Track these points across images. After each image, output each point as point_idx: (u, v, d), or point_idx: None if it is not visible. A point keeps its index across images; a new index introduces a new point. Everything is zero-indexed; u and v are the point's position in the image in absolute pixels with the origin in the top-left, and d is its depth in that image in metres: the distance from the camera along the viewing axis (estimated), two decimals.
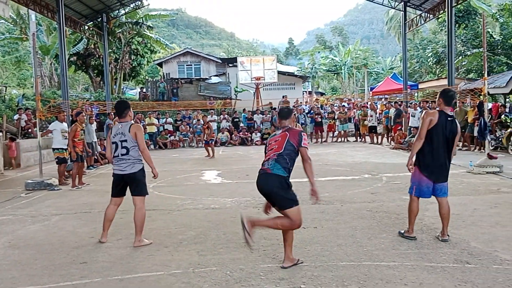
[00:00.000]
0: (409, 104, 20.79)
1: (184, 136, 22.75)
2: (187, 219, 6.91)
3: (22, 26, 29.91)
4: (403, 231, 5.60)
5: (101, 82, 31.08)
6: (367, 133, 20.90)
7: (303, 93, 38.09)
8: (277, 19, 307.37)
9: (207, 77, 32.23)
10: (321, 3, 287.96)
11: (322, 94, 47.29)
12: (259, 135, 22.44)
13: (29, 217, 7.41)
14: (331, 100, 33.71)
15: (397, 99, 24.34)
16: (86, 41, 29.67)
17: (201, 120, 20.84)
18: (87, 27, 25.39)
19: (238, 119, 23.99)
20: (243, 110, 25.21)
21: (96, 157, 14.80)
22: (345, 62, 49.84)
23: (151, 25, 33.42)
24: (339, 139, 22.37)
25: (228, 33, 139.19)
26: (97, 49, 29.20)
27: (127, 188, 5.70)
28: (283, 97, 25.94)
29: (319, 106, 25.03)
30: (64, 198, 9.27)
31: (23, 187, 10.45)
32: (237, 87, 29.93)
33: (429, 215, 6.43)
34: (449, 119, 5.29)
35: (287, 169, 4.43)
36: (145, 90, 30.64)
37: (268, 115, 23.05)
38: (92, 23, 26.31)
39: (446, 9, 20.72)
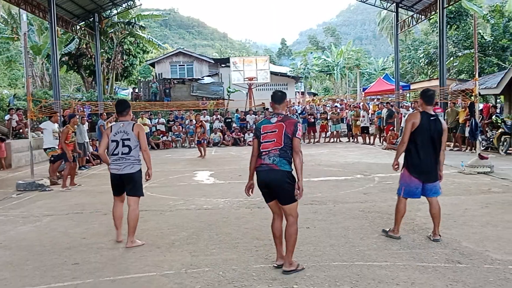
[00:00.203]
0: (401, 104, 20.88)
1: (176, 136, 22.68)
2: (179, 219, 6.90)
3: (13, 25, 29.71)
4: (388, 229, 5.64)
5: (93, 82, 30.94)
6: (359, 134, 20.98)
7: (296, 94, 38.16)
8: (269, 19, 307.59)
9: (200, 78, 32.19)
10: (313, 4, 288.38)
11: (314, 94, 47.40)
12: (252, 135, 22.41)
13: (20, 218, 7.36)
14: (323, 100, 33.78)
15: (389, 99, 24.45)
16: (78, 41, 29.54)
17: (193, 120, 20.80)
18: (79, 27, 25.27)
19: (230, 120, 23.98)
20: (236, 110, 25.21)
21: (88, 158, 14.72)
22: (338, 62, 50.01)
23: (144, 25, 33.29)
24: (332, 140, 22.41)
25: (220, 33, 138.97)
26: (89, 49, 29.04)
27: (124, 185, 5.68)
28: None
29: (315, 106, 25.03)
30: (55, 198, 9.21)
31: (14, 187, 10.36)
32: (229, 88, 29.92)
33: (421, 215, 6.46)
34: (432, 118, 5.33)
35: (290, 162, 4.46)
36: (137, 90, 30.55)
37: (261, 116, 23.05)
38: (84, 23, 26.20)
39: (437, 10, 20.83)
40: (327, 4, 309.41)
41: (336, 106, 25.03)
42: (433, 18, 26.73)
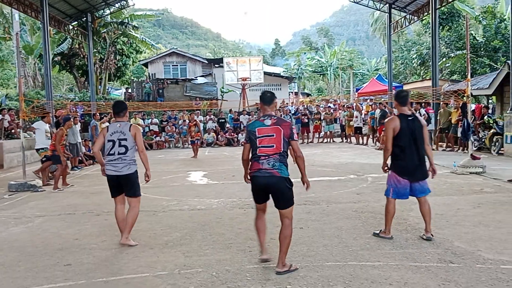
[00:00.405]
0: (394, 105, 20.93)
1: (170, 137, 22.64)
2: (172, 220, 6.88)
3: (5, 25, 29.53)
4: (378, 231, 5.67)
5: (86, 82, 30.81)
6: (353, 134, 21.04)
7: (289, 94, 38.21)
8: (263, 20, 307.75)
9: (193, 78, 32.15)
10: (307, 4, 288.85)
11: (308, 95, 47.50)
12: (244, 137, 22.40)
13: (12, 219, 7.31)
14: (317, 101, 33.85)
15: (382, 100, 24.52)
16: (70, 41, 29.41)
17: (187, 120, 20.76)
18: (71, 27, 25.16)
19: (224, 120, 23.96)
20: (229, 110, 25.20)
21: (80, 158, 14.65)
22: (331, 63, 50.14)
23: (137, 25, 33.21)
24: (325, 140, 22.47)
25: (214, 33, 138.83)
26: (82, 49, 28.91)
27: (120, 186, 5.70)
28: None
29: (311, 106, 25.02)
30: (48, 199, 9.15)
31: (6, 188, 10.28)
32: (223, 88, 29.90)
33: (414, 215, 6.48)
34: (410, 118, 5.41)
35: (287, 165, 4.50)
36: (130, 90, 30.45)
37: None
38: (76, 22, 26.09)
39: (430, 11, 20.94)
40: (320, 4, 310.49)
41: (329, 106, 25.08)
42: (426, 19, 26.87)
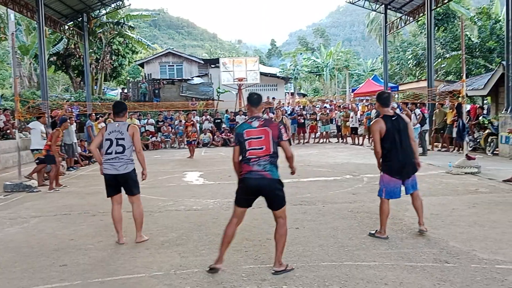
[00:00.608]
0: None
1: (166, 137, 22.62)
2: (168, 220, 6.88)
3: (0, 25, 29.36)
4: (374, 231, 5.69)
5: (82, 82, 30.72)
6: (349, 134, 21.07)
7: (286, 94, 38.24)
8: (259, 20, 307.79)
9: (189, 78, 32.13)
10: (303, 5, 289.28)
11: (304, 95, 47.56)
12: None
13: (8, 220, 7.28)
14: (313, 101, 33.89)
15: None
16: (66, 41, 29.33)
17: (183, 121, 20.74)
18: (67, 27, 25.09)
19: (220, 120, 23.96)
20: (226, 111, 25.19)
21: (76, 159, 14.62)
22: (327, 63, 50.21)
23: (133, 26, 33.17)
24: (321, 140, 22.50)
25: (210, 34, 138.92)
26: (78, 49, 28.87)
27: (120, 185, 5.75)
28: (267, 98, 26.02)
29: (310, 107, 25.04)
30: (43, 200, 9.13)
31: (1, 188, 10.25)
32: (219, 88, 29.89)
33: (409, 215, 6.50)
34: (394, 118, 5.47)
35: (278, 167, 4.50)
36: (126, 90, 30.43)
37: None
38: (72, 23, 26.02)
39: (425, 12, 21.01)
40: (316, 5, 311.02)
41: (325, 107, 25.11)
42: (421, 20, 26.95)
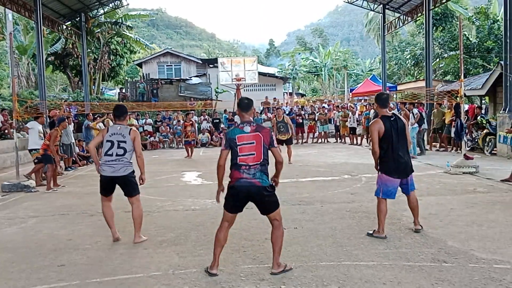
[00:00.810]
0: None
1: (164, 137, 22.60)
2: (167, 220, 6.88)
3: None
4: (372, 231, 5.70)
5: (80, 82, 30.68)
6: (347, 134, 21.08)
7: (284, 94, 38.24)
8: (257, 20, 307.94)
9: (188, 78, 32.10)
10: (301, 5, 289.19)
11: (302, 95, 47.60)
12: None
13: (6, 220, 7.27)
14: (311, 101, 33.92)
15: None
16: (64, 40, 29.28)
17: (181, 121, 20.72)
18: (65, 27, 25.06)
19: (218, 120, 23.94)
20: (224, 111, 25.17)
21: (74, 159, 14.59)
22: (325, 63, 50.22)
23: (131, 25, 33.10)
24: (320, 140, 22.50)
25: (208, 33, 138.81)
26: (76, 49, 28.79)
27: (115, 186, 5.82)
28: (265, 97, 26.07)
29: (311, 107, 24.99)
30: (41, 200, 9.11)
31: None
32: (217, 88, 29.88)
33: (407, 215, 6.49)
34: (392, 119, 5.53)
35: (268, 175, 4.49)
36: (124, 90, 30.35)
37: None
38: (70, 22, 25.99)
39: (424, 12, 21.04)
40: (314, 5, 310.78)
41: (323, 107, 25.12)
42: (420, 19, 26.97)
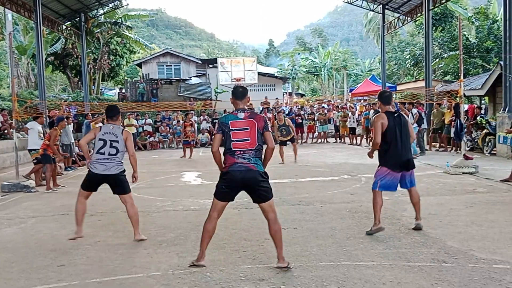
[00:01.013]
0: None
1: (163, 137, 22.60)
2: (166, 220, 6.88)
3: None
4: (370, 228, 5.71)
5: (79, 82, 30.69)
6: (347, 134, 21.09)
7: (283, 94, 38.24)
8: (257, 20, 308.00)
9: (187, 78, 32.09)
10: (301, 5, 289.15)
11: (302, 95, 47.56)
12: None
13: (5, 220, 7.27)
14: (311, 101, 33.90)
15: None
16: (63, 41, 29.29)
17: (181, 121, 20.71)
18: (65, 27, 25.06)
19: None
20: (224, 111, 25.09)
21: (74, 159, 14.59)
22: (325, 63, 50.18)
23: (130, 25, 33.11)
24: (319, 140, 22.51)
25: (208, 33, 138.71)
26: (75, 49, 28.80)
27: (100, 186, 5.88)
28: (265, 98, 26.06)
29: (310, 107, 24.99)
30: (41, 200, 9.11)
31: None
32: (217, 88, 29.85)
33: (407, 215, 6.51)
34: (396, 115, 5.66)
35: (262, 161, 4.52)
36: (124, 90, 30.34)
37: None
38: (70, 22, 25.98)
39: (423, 12, 21.05)
40: (314, 5, 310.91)
41: (323, 107, 25.12)
42: (419, 19, 26.98)
